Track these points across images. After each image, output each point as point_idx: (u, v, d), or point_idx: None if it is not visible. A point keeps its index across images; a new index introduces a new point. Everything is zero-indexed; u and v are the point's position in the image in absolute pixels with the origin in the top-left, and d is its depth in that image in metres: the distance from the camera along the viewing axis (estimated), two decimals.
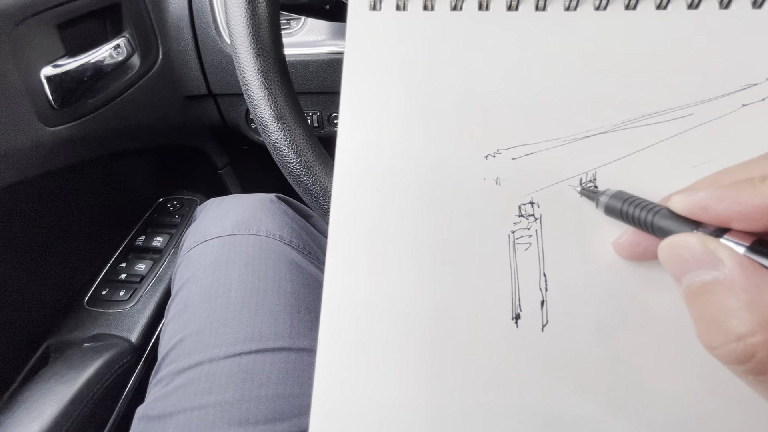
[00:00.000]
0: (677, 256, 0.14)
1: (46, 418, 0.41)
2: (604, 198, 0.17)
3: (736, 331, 0.12)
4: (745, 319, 0.12)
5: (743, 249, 0.13)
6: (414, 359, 0.18)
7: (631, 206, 0.16)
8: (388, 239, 0.18)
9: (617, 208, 0.16)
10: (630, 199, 0.16)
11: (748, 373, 0.12)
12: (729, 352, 0.12)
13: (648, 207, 0.15)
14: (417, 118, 0.19)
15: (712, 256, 0.13)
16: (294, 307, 0.37)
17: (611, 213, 0.17)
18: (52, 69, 0.43)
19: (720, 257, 0.13)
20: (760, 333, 0.12)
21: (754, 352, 0.12)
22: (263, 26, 0.29)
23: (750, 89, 0.17)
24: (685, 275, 0.14)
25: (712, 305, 0.13)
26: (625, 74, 0.18)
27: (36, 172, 0.44)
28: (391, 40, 0.19)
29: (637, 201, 0.16)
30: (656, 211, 0.15)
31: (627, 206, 0.16)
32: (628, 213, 0.16)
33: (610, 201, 0.17)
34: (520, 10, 0.19)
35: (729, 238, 0.13)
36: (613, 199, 0.16)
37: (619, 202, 0.16)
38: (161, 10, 0.53)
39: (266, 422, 0.31)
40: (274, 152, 0.29)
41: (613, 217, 0.17)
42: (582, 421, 0.17)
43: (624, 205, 0.16)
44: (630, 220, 0.16)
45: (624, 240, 0.17)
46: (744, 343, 0.12)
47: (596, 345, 0.17)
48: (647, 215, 0.15)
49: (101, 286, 0.59)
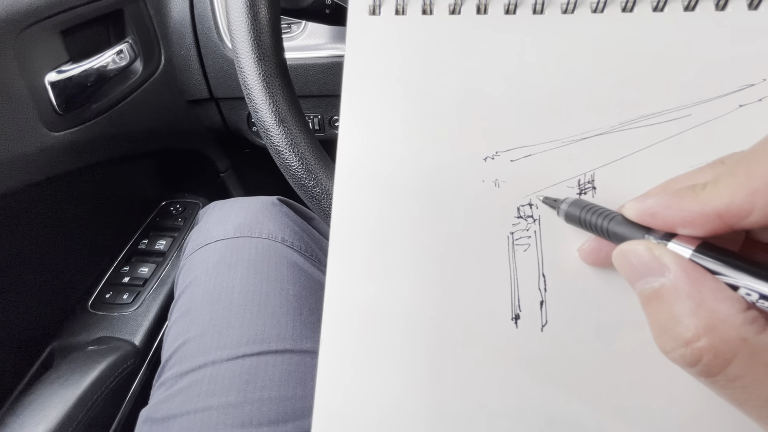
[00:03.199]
0: (628, 263, 0.15)
1: (50, 420, 0.41)
2: (564, 206, 0.17)
3: (683, 336, 0.13)
4: (690, 325, 0.13)
5: (689, 252, 0.13)
6: (415, 360, 0.18)
7: (588, 213, 0.16)
8: (388, 241, 0.18)
9: (576, 216, 0.17)
10: (587, 207, 0.16)
11: (699, 375, 0.13)
12: (680, 356, 0.13)
13: (604, 214, 0.16)
14: (417, 120, 0.19)
15: (659, 262, 0.14)
16: (296, 309, 0.37)
17: (571, 220, 0.17)
18: (56, 75, 0.43)
19: (665, 263, 0.13)
20: (705, 337, 0.12)
21: (700, 356, 0.12)
22: (264, 31, 0.30)
23: (747, 90, 0.17)
24: (637, 281, 0.14)
25: (662, 311, 0.13)
26: (622, 76, 0.18)
27: (40, 176, 0.45)
28: (390, 44, 0.20)
29: (594, 208, 0.16)
30: (611, 218, 0.16)
31: (584, 213, 0.16)
32: (586, 220, 0.16)
33: (569, 209, 0.17)
34: (517, 13, 0.19)
35: (676, 242, 0.14)
36: (572, 207, 0.17)
37: (578, 209, 0.17)
38: (163, 15, 0.54)
39: (269, 424, 0.31)
40: (276, 155, 0.29)
41: (573, 224, 0.17)
42: (582, 420, 0.17)
43: (582, 212, 0.16)
44: (588, 226, 0.16)
45: (586, 247, 0.17)
46: (691, 348, 0.12)
47: (596, 345, 0.17)
48: (602, 221, 0.16)
49: (105, 290, 0.59)
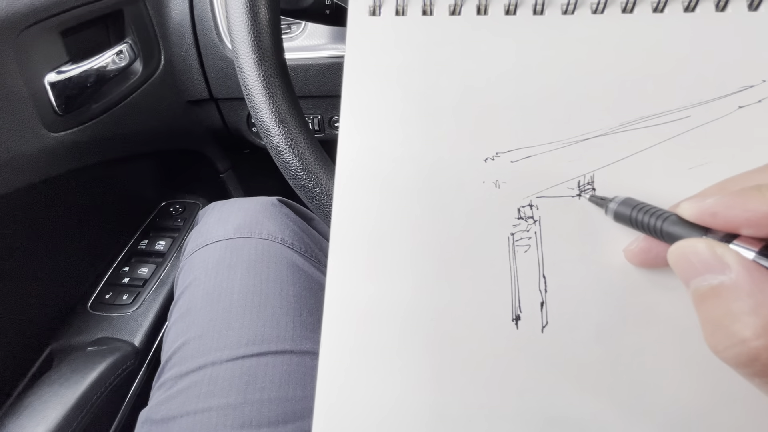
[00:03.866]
0: (686, 261, 0.14)
1: (50, 421, 0.41)
2: (613, 205, 0.17)
3: (741, 334, 0.12)
4: (749, 323, 0.12)
5: (753, 254, 0.13)
6: (415, 361, 0.18)
7: (640, 213, 0.16)
8: (389, 242, 0.18)
9: (626, 215, 0.17)
10: (639, 206, 0.16)
11: (753, 375, 0.13)
12: (734, 355, 0.13)
13: (657, 213, 0.16)
14: (417, 121, 0.19)
15: (720, 260, 0.13)
16: (296, 310, 0.37)
17: (620, 219, 0.17)
18: (55, 75, 0.43)
19: (727, 262, 0.13)
20: (764, 337, 0.12)
21: (758, 356, 0.12)
22: (264, 31, 0.30)
23: (746, 91, 0.17)
24: (693, 279, 0.14)
25: (718, 309, 0.13)
26: (622, 77, 0.18)
27: (40, 177, 0.45)
28: (390, 45, 0.20)
29: (646, 207, 0.16)
30: (665, 218, 0.15)
31: (636, 213, 0.16)
32: (638, 219, 0.16)
33: (619, 208, 0.17)
34: (518, 14, 0.19)
35: (738, 243, 0.13)
36: (623, 206, 0.17)
37: (628, 208, 0.16)
38: (163, 16, 0.54)
39: (269, 425, 0.31)
40: (276, 156, 0.29)
41: (622, 223, 0.17)
42: (583, 421, 0.17)
43: (633, 212, 0.16)
44: (639, 226, 0.16)
45: (635, 247, 0.17)
46: (748, 347, 0.12)
47: (596, 346, 0.17)
48: (656, 221, 0.16)
49: (104, 290, 0.59)
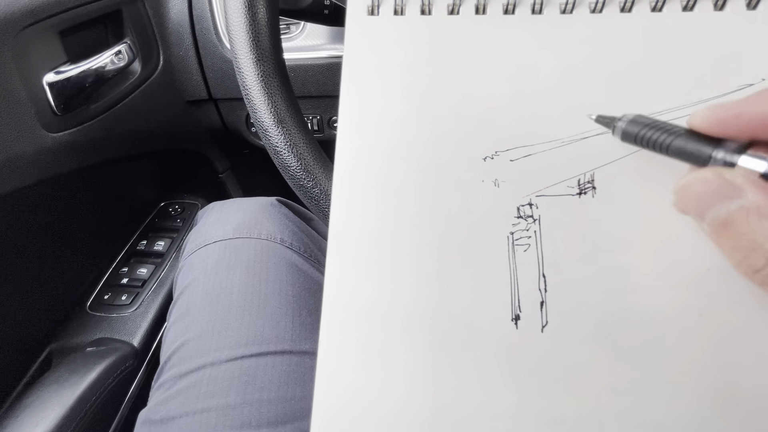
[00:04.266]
0: (696, 194, 0.14)
1: (49, 422, 0.41)
2: (622, 124, 0.16)
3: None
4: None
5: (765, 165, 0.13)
6: (414, 361, 0.18)
7: (649, 130, 0.15)
8: (388, 241, 0.18)
9: (633, 133, 0.16)
10: (649, 123, 0.15)
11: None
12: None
13: (665, 128, 0.15)
14: (415, 121, 0.19)
15: (731, 185, 0.13)
16: (295, 310, 0.37)
17: (627, 139, 0.16)
18: (54, 75, 0.43)
19: (739, 185, 0.13)
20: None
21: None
22: (263, 32, 0.29)
23: (745, 90, 0.17)
24: (708, 210, 0.14)
25: (742, 234, 0.13)
26: (621, 76, 0.18)
27: (38, 177, 0.45)
28: (389, 45, 0.20)
29: (656, 124, 0.15)
30: (674, 133, 0.15)
31: (645, 131, 0.15)
32: (645, 137, 0.15)
33: (627, 127, 0.16)
34: (516, 13, 0.19)
35: (751, 154, 0.13)
36: (631, 125, 0.16)
37: (637, 127, 0.16)
38: (162, 16, 0.54)
39: (268, 425, 0.31)
40: (275, 156, 0.29)
41: (630, 142, 0.16)
42: (582, 421, 0.17)
43: (642, 129, 0.15)
44: (647, 144, 0.15)
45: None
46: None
47: (596, 345, 0.17)
48: (665, 137, 0.15)
49: (103, 291, 0.59)
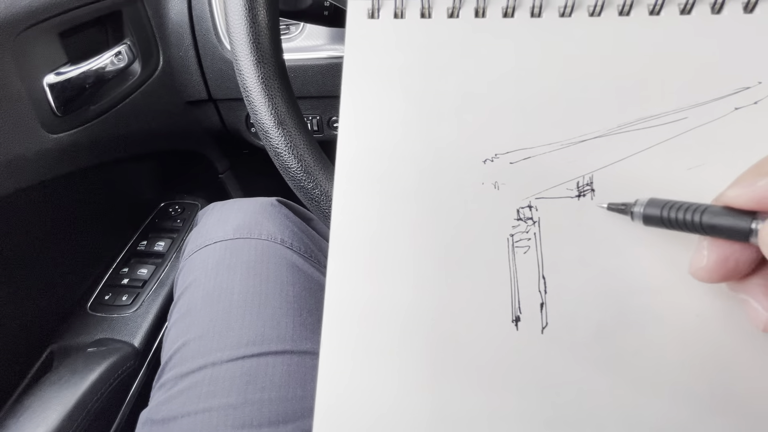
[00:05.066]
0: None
1: (50, 423, 0.41)
2: (639, 208, 0.16)
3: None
4: None
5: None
6: (415, 362, 0.18)
7: (673, 211, 0.15)
8: (388, 243, 0.19)
9: (657, 216, 0.16)
10: (668, 204, 0.15)
11: None
12: None
13: (692, 208, 0.15)
14: (416, 123, 0.19)
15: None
16: (296, 310, 0.37)
17: (652, 222, 0.16)
18: (54, 76, 0.43)
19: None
20: None
21: None
22: (263, 33, 0.30)
23: (742, 93, 0.17)
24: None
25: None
26: (619, 79, 0.18)
27: (39, 178, 0.45)
28: (389, 48, 0.20)
29: (678, 204, 0.15)
30: (703, 210, 0.15)
31: (668, 212, 0.15)
32: (672, 218, 0.15)
33: (647, 210, 0.16)
34: (515, 17, 0.19)
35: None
36: (650, 208, 0.16)
37: (657, 209, 0.16)
38: (162, 17, 0.54)
39: (269, 425, 0.31)
40: (275, 158, 0.29)
41: (654, 225, 0.16)
42: (582, 423, 0.17)
43: (664, 211, 0.15)
44: (675, 225, 0.15)
45: (707, 263, 0.15)
46: None
47: (596, 346, 0.17)
48: (695, 216, 0.15)
49: (104, 291, 0.59)
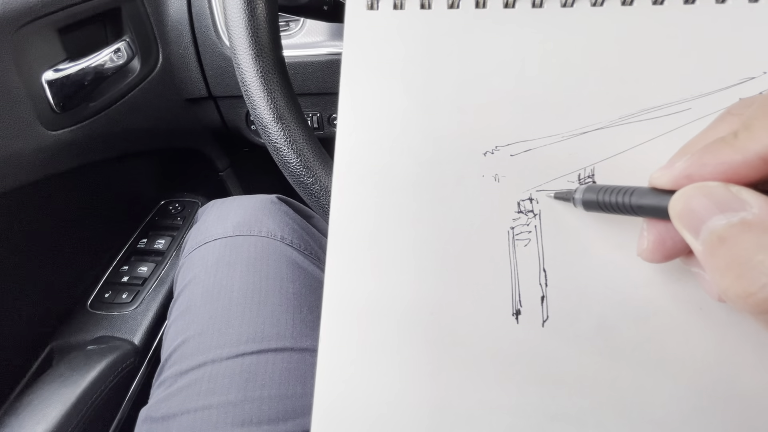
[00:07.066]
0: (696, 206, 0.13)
1: (50, 420, 0.41)
2: (579, 195, 0.17)
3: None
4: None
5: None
6: (415, 357, 0.18)
7: (607, 194, 0.16)
8: (388, 237, 0.18)
9: (594, 201, 0.16)
10: (603, 189, 0.16)
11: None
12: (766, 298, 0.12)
13: (623, 190, 0.15)
14: (415, 115, 0.19)
15: (736, 198, 0.13)
16: (296, 308, 0.37)
17: (591, 207, 0.17)
18: (53, 73, 0.43)
19: (745, 198, 0.13)
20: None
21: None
22: (262, 28, 0.29)
23: (747, 83, 0.17)
24: (706, 223, 0.13)
25: (744, 247, 0.12)
26: (622, 70, 0.18)
27: (38, 175, 0.44)
28: (388, 39, 0.19)
29: (611, 188, 0.16)
30: (632, 192, 0.15)
31: (603, 195, 0.16)
32: (606, 201, 0.16)
33: (585, 196, 0.16)
34: (516, 7, 0.19)
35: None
36: (588, 193, 0.16)
37: (594, 194, 0.16)
38: (161, 14, 0.53)
39: (269, 422, 0.31)
40: (274, 152, 0.29)
41: (594, 210, 0.17)
42: (583, 416, 0.17)
43: (599, 195, 0.16)
44: (610, 208, 0.16)
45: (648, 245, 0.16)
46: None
47: (597, 340, 0.17)
48: (625, 198, 0.15)
49: (104, 289, 0.59)
